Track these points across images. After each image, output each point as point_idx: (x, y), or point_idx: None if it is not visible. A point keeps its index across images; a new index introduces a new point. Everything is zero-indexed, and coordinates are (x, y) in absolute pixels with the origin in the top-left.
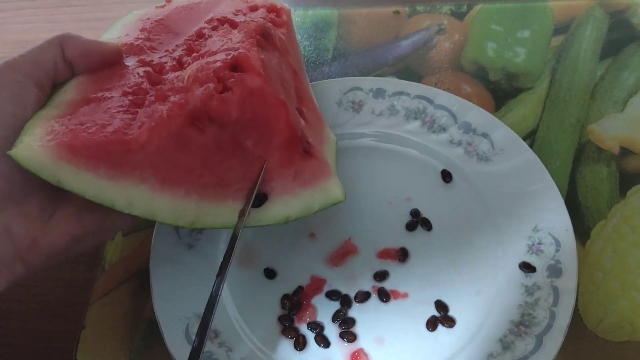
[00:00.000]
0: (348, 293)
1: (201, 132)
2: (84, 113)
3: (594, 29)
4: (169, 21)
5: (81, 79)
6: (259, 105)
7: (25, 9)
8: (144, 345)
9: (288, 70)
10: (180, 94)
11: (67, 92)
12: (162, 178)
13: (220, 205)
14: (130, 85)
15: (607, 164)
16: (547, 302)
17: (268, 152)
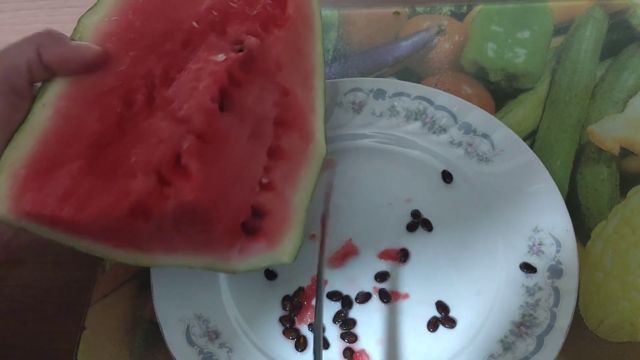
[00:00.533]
0: (349, 294)
1: (141, 222)
2: (43, 163)
3: (593, 30)
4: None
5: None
6: (194, 211)
7: (24, 10)
8: (145, 346)
9: (273, 95)
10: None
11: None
12: (114, 245)
13: (173, 257)
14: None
15: (607, 165)
16: (547, 303)
17: (207, 239)
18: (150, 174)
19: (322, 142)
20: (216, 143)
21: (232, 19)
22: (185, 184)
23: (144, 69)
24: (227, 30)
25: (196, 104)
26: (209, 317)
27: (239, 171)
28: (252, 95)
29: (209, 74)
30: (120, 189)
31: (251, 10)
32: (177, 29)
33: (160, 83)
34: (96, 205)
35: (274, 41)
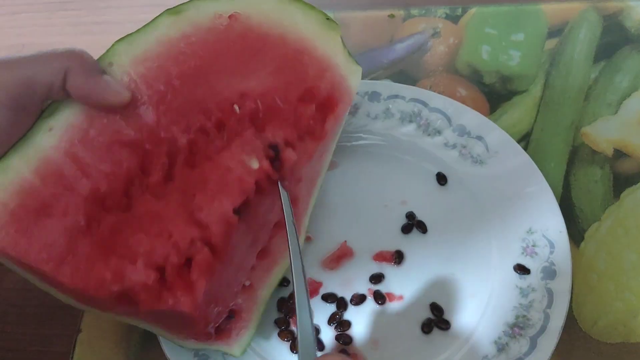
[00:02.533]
0: (344, 296)
1: (125, 307)
2: (34, 204)
3: (587, 32)
4: (211, 64)
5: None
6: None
7: (21, 13)
8: (141, 349)
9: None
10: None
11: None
12: (86, 303)
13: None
14: (98, 189)
15: (601, 166)
16: (541, 304)
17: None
18: (153, 268)
19: (303, 236)
20: (224, 256)
21: (274, 118)
22: (186, 297)
23: (170, 134)
24: (267, 129)
25: (218, 212)
26: None
27: (231, 281)
28: (267, 203)
29: (238, 180)
30: (115, 269)
31: (296, 116)
32: (215, 104)
33: (184, 162)
34: (84, 276)
35: (304, 153)
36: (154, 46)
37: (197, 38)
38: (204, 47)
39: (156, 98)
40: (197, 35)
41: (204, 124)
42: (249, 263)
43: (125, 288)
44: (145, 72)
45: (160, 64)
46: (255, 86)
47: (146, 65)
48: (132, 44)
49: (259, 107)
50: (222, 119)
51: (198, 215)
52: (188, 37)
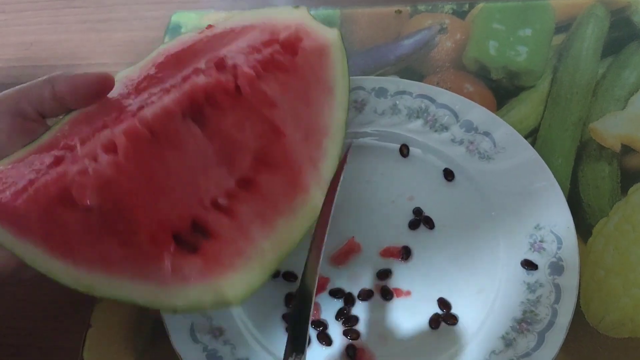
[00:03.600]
0: (351, 291)
1: (68, 210)
2: (18, 165)
3: (595, 28)
4: (187, 52)
5: (68, 117)
6: (116, 198)
7: (27, 11)
8: (150, 343)
9: (258, 128)
10: (68, 165)
11: (49, 132)
12: (48, 245)
13: (110, 279)
14: (72, 140)
15: (608, 162)
16: (549, 300)
17: (136, 243)
18: (88, 158)
19: (316, 201)
20: (165, 140)
21: (236, 59)
22: (107, 159)
23: (143, 99)
24: (227, 65)
25: (159, 105)
26: (212, 314)
27: (184, 179)
28: (231, 118)
29: (185, 86)
30: (57, 174)
31: (258, 54)
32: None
33: (151, 104)
34: (30, 191)
35: (272, 79)
36: (143, 62)
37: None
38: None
39: (136, 85)
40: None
41: (175, 82)
42: (219, 179)
43: (64, 184)
44: (130, 75)
45: (143, 66)
46: (223, 51)
47: (131, 72)
48: (131, 68)
49: (223, 57)
50: (189, 75)
51: (139, 113)
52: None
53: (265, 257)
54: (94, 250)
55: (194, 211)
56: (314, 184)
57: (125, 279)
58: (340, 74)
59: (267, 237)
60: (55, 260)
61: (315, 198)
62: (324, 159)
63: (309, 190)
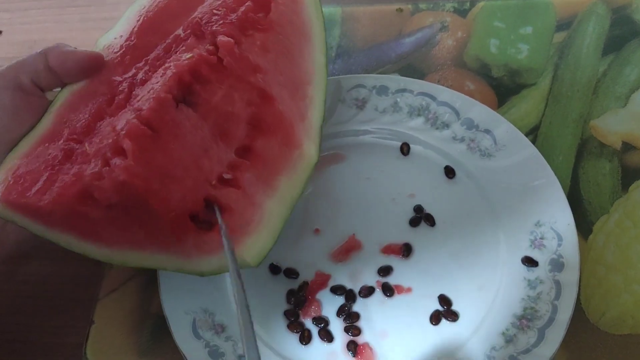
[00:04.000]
0: (352, 288)
1: (92, 208)
2: (30, 160)
3: (596, 25)
4: (163, 15)
5: (64, 96)
6: (134, 194)
7: (31, 10)
8: (152, 339)
9: (246, 95)
10: (81, 165)
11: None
12: (78, 234)
13: (141, 255)
14: (75, 129)
15: (609, 159)
16: (549, 296)
17: (159, 228)
18: (99, 159)
19: (310, 152)
20: (164, 132)
21: (213, 24)
22: (119, 165)
23: (131, 75)
24: (206, 34)
25: (150, 95)
26: (214, 311)
27: (189, 163)
28: (220, 92)
29: (172, 70)
30: (74, 175)
31: (233, 15)
32: (166, 38)
33: (140, 84)
34: (53, 192)
35: (252, 43)
36: (122, 26)
37: (150, 5)
38: (157, 7)
39: (122, 57)
40: (151, 3)
41: (157, 54)
42: (220, 154)
43: (83, 185)
44: (114, 45)
45: (124, 34)
46: (197, 13)
47: (115, 41)
48: (108, 35)
49: (200, 22)
50: (170, 44)
51: (135, 105)
52: (143, 7)
53: (273, 217)
54: (120, 235)
55: (205, 191)
56: (306, 137)
57: (154, 253)
58: (315, 15)
59: (270, 197)
60: (86, 244)
61: (308, 150)
62: (310, 107)
63: (302, 144)
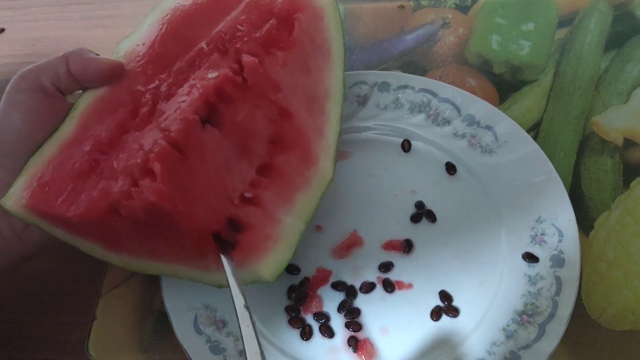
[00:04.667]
0: (353, 284)
1: (118, 222)
2: (54, 167)
3: (598, 22)
4: (186, 24)
5: (86, 101)
6: (161, 214)
7: (34, 7)
8: (154, 335)
9: (268, 114)
10: (108, 181)
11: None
12: (104, 244)
13: (160, 265)
14: (100, 139)
15: (610, 156)
16: (550, 292)
17: (182, 244)
18: (127, 177)
19: (327, 168)
20: (191, 152)
21: (237, 40)
22: (148, 186)
23: (154, 86)
24: (230, 50)
25: (178, 116)
26: (216, 306)
27: (214, 182)
28: (243, 111)
29: (198, 89)
30: (102, 190)
31: (257, 33)
32: (189, 50)
33: (164, 98)
34: (81, 205)
35: (274, 62)
36: (143, 32)
37: (173, 12)
38: (179, 15)
39: (144, 65)
40: (173, 10)
41: (180, 66)
42: (242, 173)
43: (112, 202)
44: (135, 52)
45: (146, 41)
46: (221, 26)
47: (137, 47)
48: (128, 40)
49: (222, 37)
50: (194, 58)
51: (162, 124)
52: (165, 14)
53: (290, 233)
54: (143, 247)
55: (227, 211)
56: (322, 153)
57: (173, 264)
58: (335, 31)
59: (288, 213)
60: (109, 252)
61: (324, 167)
62: (327, 123)
63: (319, 160)
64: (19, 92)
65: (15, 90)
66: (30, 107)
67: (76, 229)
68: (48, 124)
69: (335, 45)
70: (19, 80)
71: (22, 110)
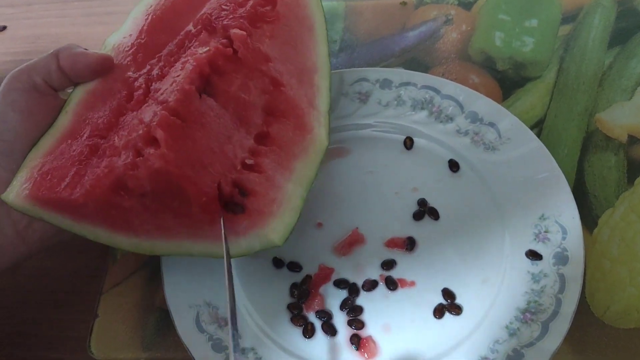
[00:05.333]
0: (356, 282)
1: (125, 198)
2: (55, 157)
3: (602, 18)
4: (171, 14)
5: (79, 95)
6: (167, 181)
7: (35, 4)
8: (156, 332)
9: (260, 84)
10: (111, 158)
11: (66, 115)
12: (109, 226)
13: (170, 242)
14: (98, 125)
15: (615, 153)
16: (553, 289)
17: (190, 214)
18: (130, 150)
19: (322, 136)
20: (191, 121)
21: (223, 18)
22: (153, 154)
23: (146, 71)
24: (217, 28)
25: (174, 88)
26: (218, 304)
27: (216, 149)
28: (236, 82)
29: (192, 63)
30: (105, 167)
31: (241, 9)
32: (177, 36)
33: (157, 79)
34: (85, 185)
35: (262, 34)
36: (129, 26)
37: (156, 4)
38: (163, 5)
39: (133, 56)
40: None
41: (170, 50)
42: (241, 141)
43: (116, 176)
44: (123, 44)
45: (134, 33)
46: (205, 9)
47: (124, 40)
48: (116, 34)
49: (210, 18)
50: (183, 40)
51: (160, 98)
52: (149, 6)
53: (293, 198)
54: (151, 223)
55: (232, 176)
56: (316, 122)
57: (183, 240)
58: (316, 6)
59: (289, 179)
60: (116, 235)
61: (319, 135)
62: (318, 95)
63: (313, 129)
64: (12, 92)
65: (9, 90)
66: (25, 106)
67: (81, 214)
68: (43, 122)
69: (317, 20)
70: (12, 80)
71: (17, 110)
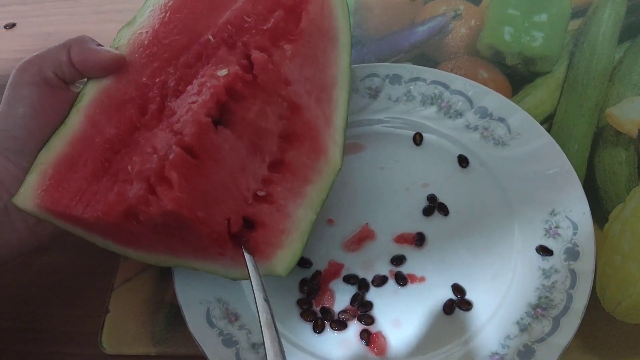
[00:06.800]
0: (365, 277)
1: (135, 225)
2: (66, 167)
3: (612, 12)
4: (190, 14)
5: (91, 94)
6: (178, 219)
7: (46, 2)
8: (167, 328)
9: (278, 109)
10: (124, 184)
11: (78, 113)
12: (121, 242)
13: (178, 260)
14: (110, 137)
15: (625, 148)
16: (564, 285)
17: (197, 247)
18: (142, 182)
19: (335, 157)
20: (205, 156)
21: (244, 33)
22: (166, 194)
23: (161, 80)
24: (237, 44)
25: (190, 118)
26: (228, 300)
27: (229, 184)
28: (254, 109)
29: (209, 89)
30: (118, 194)
31: (264, 24)
32: (194, 42)
33: (172, 94)
34: (97, 207)
35: (283, 56)
36: (145, 19)
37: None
38: (182, 5)
39: (148, 56)
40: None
41: (187, 60)
42: (255, 171)
43: (128, 206)
44: (138, 41)
45: (149, 29)
46: (227, 16)
47: (139, 35)
48: (130, 26)
49: (228, 30)
50: (200, 51)
51: (175, 127)
52: (168, 3)
53: (302, 224)
54: (161, 244)
55: (243, 211)
56: (331, 143)
57: (190, 260)
58: (342, 14)
59: (300, 205)
60: (125, 248)
61: (333, 156)
62: (335, 110)
63: (328, 150)
64: (22, 85)
65: (19, 83)
66: (36, 101)
67: (92, 229)
68: (54, 117)
69: (342, 30)
70: (21, 72)
71: (27, 105)
